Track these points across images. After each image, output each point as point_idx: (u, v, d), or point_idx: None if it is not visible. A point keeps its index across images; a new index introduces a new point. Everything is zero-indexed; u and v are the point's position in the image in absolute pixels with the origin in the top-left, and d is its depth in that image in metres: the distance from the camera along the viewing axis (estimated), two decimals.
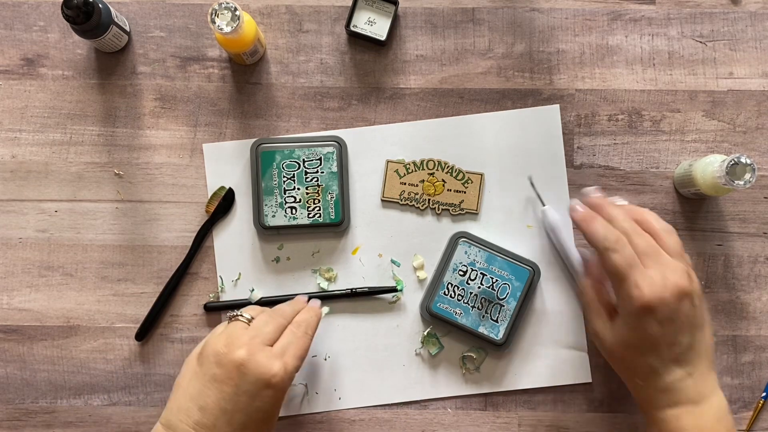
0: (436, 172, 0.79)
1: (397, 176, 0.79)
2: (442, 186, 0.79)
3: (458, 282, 0.79)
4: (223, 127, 0.83)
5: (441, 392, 0.81)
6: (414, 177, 0.80)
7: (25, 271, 0.82)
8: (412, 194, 0.79)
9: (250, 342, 0.66)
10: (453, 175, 0.79)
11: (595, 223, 0.70)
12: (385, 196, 0.79)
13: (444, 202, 0.80)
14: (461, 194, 0.79)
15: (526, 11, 0.84)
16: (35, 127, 0.83)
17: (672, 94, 0.83)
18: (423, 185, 0.79)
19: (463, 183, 0.79)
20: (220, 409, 0.64)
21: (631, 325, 0.68)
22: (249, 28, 0.76)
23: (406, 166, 0.79)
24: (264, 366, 0.64)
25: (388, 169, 0.79)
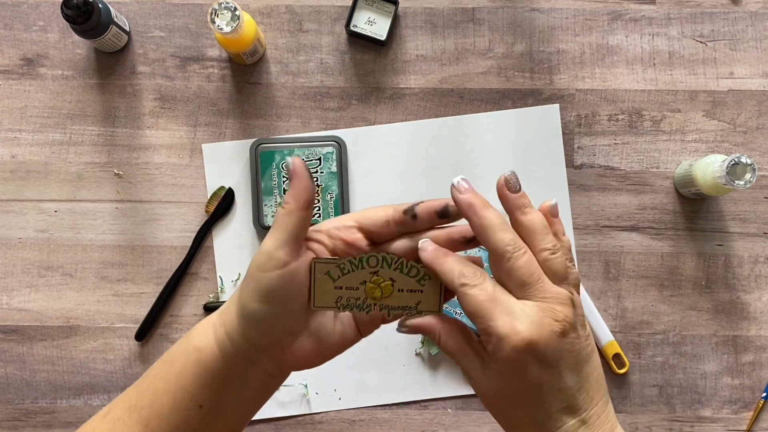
0: (380, 270, 0.61)
1: (329, 279, 0.61)
2: (390, 286, 0.61)
3: None
4: (223, 127, 0.83)
5: (441, 392, 0.81)
6: (352, 279, 0.61)
7: (24, 271, 0.82)
8: (351, 300, 0.61)
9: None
10: (405, 272, 0.61)
11: (447, 261, 0.58)
12: (317, 305, 0.60)
13: (395, 306, 0.61)
14: (417, 294, 0.61)
15: (526, 11, 0.84)
16: (35, 127, 0.83)
17: (672, 94, 0.83)
18: (365, 287, 0.61)
19: (418, 280, 0.61)
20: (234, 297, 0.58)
21: (505, 373, 0.54)
22: (249, 28, 0.76)
23: (339, 266, 0.60)
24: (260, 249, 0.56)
25: (317, 272, 0.61)
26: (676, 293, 0.82)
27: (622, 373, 0.81)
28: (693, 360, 0.82)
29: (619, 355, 0.81)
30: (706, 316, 0.82)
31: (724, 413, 0.82)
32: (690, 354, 0.82)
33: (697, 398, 0.82)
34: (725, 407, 0.82)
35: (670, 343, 0.82)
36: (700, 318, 0.82)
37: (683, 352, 0.82)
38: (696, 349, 0.82)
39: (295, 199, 0.56)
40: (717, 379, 0.82)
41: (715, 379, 0.82)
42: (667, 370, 0.82)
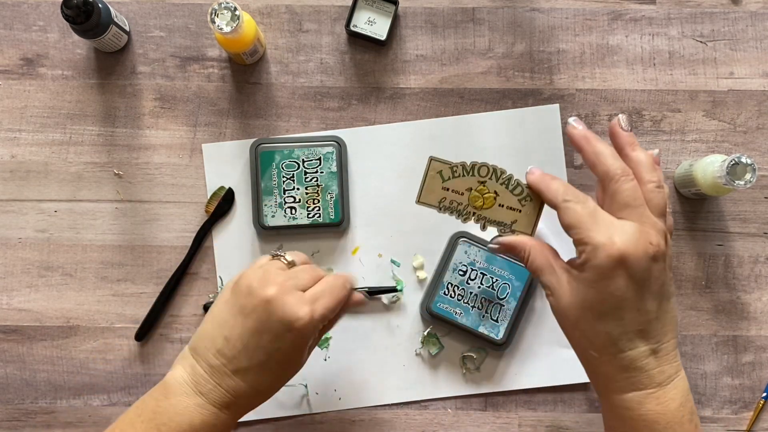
0: (488, 182, 0.64)
1: (439, 179, 0.65)
2: (493, 199, 0.64)
3: (458, 282, 0.79)
4: (223, 127, 0.83)
5: (441, 392, 0.81)
6: (460, 183, 0.65)
7: (24, 271, 0.82)
8: (454, 203, 0.65)
9: (284, 283, 0.62)
10: (509, 188, 0.65)
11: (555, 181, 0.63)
12: (422, 201, 0.65)
13: (492, 219, 0.65)
14: (515, 212, 0.65)
15: (526, 11, 0.84)
16: (35, 127, 0.83)
17: (672, 94, 0.83)
18: (470, 195, 0.65)
19: (520, 199, 0.64)
20: (242, 342, 0.61)
21: (594, 280, 0.58)
22: (249, 27, 0.76)
23: (452, 168, 0.65)
24: (291, 307, 0.60)
25: (430, 169, 0.65)
26: (676, 293, 0.82)
27: None
28: (693, 360, 0.82)
29: None
30: (706, 316, 0.82)
31: (724, 413, 0.82)
32: (690, 354, 0.82)
33: (697, 398, 0.82)
34: (725, 407, 0.82)
35: None
36: (700, 318, 0.82)
37: (683, 352, 0.82)
38: (696, 349, 0.82)
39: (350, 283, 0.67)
40: (717, 379, 0.82)
41: (715, 379, 0.82)
42: None
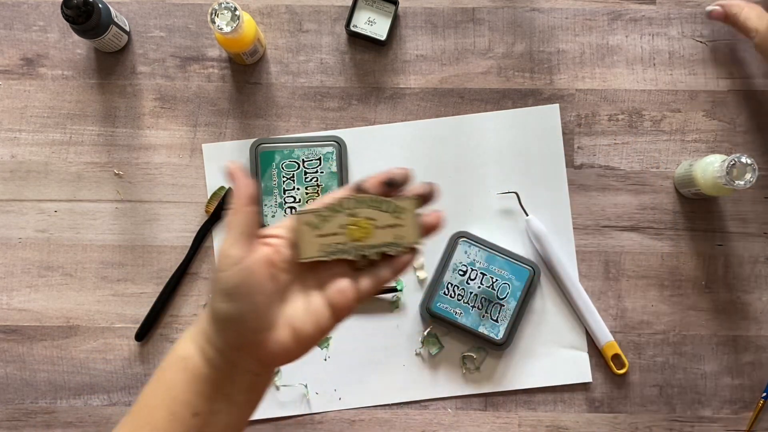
0: (357, 212, 0.62)
1: (311, 229, 0.61)
2: (370, 226, 0.62)
3: (458, 282, 0.79)
4: (223, 127, 0.83)
5: (441, 392, 0.81)
6: (332, 224, 0.62)
7: (24, 271, 0.82)
8: (336, 246, 0.61)
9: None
10: (380, 209, 0.62)
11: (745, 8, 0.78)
12: (304, 257, 0.61)
13: (379, 244, 0.61)
14: (396, 228, 0.62)
15: (526, 11, 0.84)
16: (35, 127, 0.83)
17: (672, 94, 0.83)
18: (347, 231, 0.62)
19: (393, 214, 0.62)
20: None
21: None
22: (249, 28, 0.76)
23: (318, 214, 0.61)
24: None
25: (298, 224, 0.61)
26: (676, 293, 0.82)
27: (621, 373, 0.81)
28: (693, 360, 0.82)
29: (618, 355, 0.81)
30: (706, 316, 0.82)
31: (724, 413, 0.82)
32: (690, 354, 0.82)
33: (697, 398, 0.82)
34: (725, 407, 0.82)
35: (670, 343, 0.82)
36: (700, 318, 0.82)
37: (683, 352, 0.82)
38: (696, 349, 0.82)
39: (239, 199, 0.58)
40: (717, 379, 0.82)
41: (715, 379, 0.82)
42: (667, 370, 0.82)
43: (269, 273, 0.59)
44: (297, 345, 0.60)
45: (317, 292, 0.61)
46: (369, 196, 0.62)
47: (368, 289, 0.62)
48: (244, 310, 0.58)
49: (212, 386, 0.59)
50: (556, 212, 0.82)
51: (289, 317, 0.60)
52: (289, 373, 0.81)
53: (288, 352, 0.60)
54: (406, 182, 0.62)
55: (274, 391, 0.81)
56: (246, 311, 0.58)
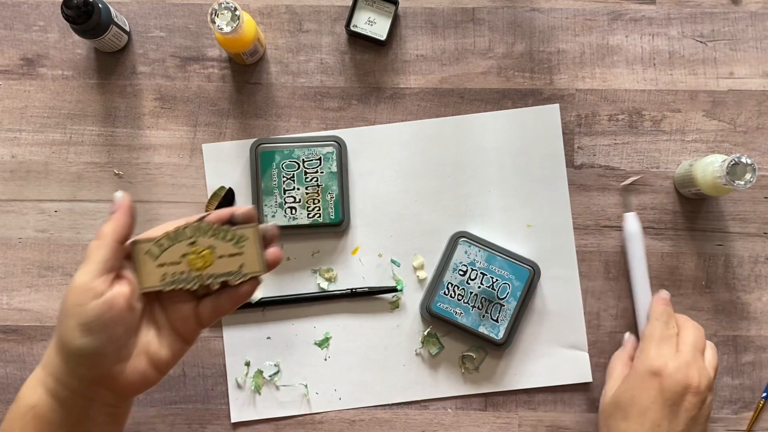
0: (198, 240, 0.61)
1: (151, 259, 0.61)
2: (210, 254, 0.62)
3: (458, 282, 0.79)
4: (223, 127, 0.83)
5: (441, 392, 0.81)
6: (172, 253, 0.61)
7: (24, 271, 0.82)
8: (177, 275, 0.61)
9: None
10: (221, 238, 0.62)
11: (662, 304, 0.75)
12: (145, 287, 0.61)
13: (220, 273, 0.62)
14: (238, 257, 0.62)
15: (526, 11, 0.84)
16: (35, 127, 0.83)
17: (672, 94, 0.83)
18: (187, 259, 0.62)
19: (235, 244, 0.62)
20: None
21: (634, 383, 0.70)
22: (249, 28, 0.76)
23: (157, 243, 0.61)
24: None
25: (137, 253, 0.61)
26: (676, 293, 0.82)
27: None
28: None
29: None
30: (706, 316, 0.82)
31: (724, 413, 0.82)
32: None
33: None
34: (725, 407, 0.82)
35: None
36: (700, 318, 0.82)
37: None
38: None
39: (113, 233, 0.59)
40: (717, 379, 0.82)
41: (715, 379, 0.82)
42: None
43: (127, 305, 0.59)
44: (155, 371, 0.62)
45: (165, 318, 0.63)
46: (210, 224, 0.61)
47: (209, 317, 0.63)
48: (104, 343, 0.58)
49: (68, 428, 0.59)
50: (556, 212, 0.82)
51: (143, 345, 0.61)
52: (289, 373, 0.81)
53: (146, 379, 0.61)
54: (249, 222, 0.62)
55: (274, 391, 0.81)
56: (105, 344, 0.58)
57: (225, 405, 0.81)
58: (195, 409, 0.82)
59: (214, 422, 0.81)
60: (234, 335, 0.82)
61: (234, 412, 0.81)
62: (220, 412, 0.81)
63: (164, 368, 0.62)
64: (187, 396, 0.82)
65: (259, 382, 0.81)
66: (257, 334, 0.82)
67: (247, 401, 0.81)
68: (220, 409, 0.81)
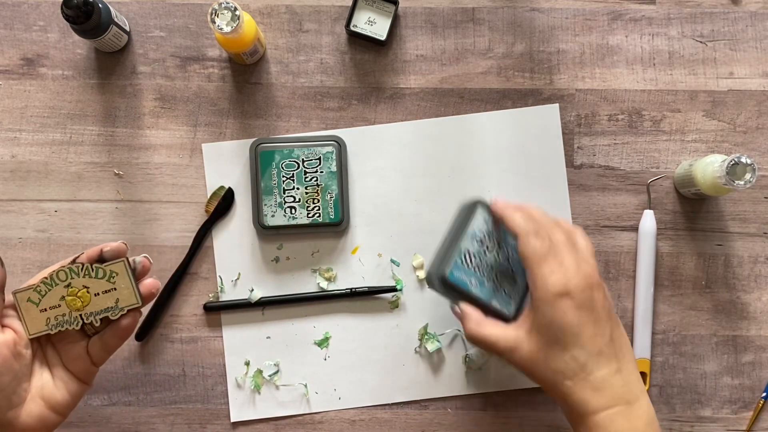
0: (72, 282, 0.65)
1: (33, 305, 0.65)
2: (87, 294, 0.65)
3: (476, 251, 0.72)
4: (223, 127, 0.83)
5: (441, 392, 0.81)
6: (52, 297, 0.65)
7: (25, 271, 0.82)
8: (59, 318, 0.65)
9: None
10: (94, 276, 0.65)
11: (517, 212, 0.69)
12: (32, 334, 0.64)
13: (99, 310, 0.65)
14: (112, 293, 0.65)
15: (526, 11, 0.84)
16: (35, 127, 0.83)
17: (672, 94, 0.83)
18: (66, 302, 0.65)
19: (108, 280, 0.65)
20: None
21: (549, 315, 0.64)
22: (249, 28, 0.76)
23: (35, 289, 0.65)
24: None
25: (19, 302, 0.65)
26: (676, 293, 0.82)
27: None
28: (693, 360, 0.82)
29: (644, 374, 0.81)
30: (706, 316, 0.82)
31: (724, 413, 0.82)
32: (690, 354, 0.82)
33: (697, 398, 0.82)
34: (725, 407, 0.82)
35: (670, 343, 0.82)
36: (700, 318, 0.82)
37: (683, 352, 0.82)
38: (696, 349, 0.82)
39: None
40: (717, 379, 0.82)
41: (715, 379, 0.82)
42: (666, 370, 0.82)
43: (12, 353, 0.61)
44: (53, 414, 0.63)
45: (57, 360, 0.65)
46: (80, 265, 0.65)
47: (100, 355, 0.66)
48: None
49: None
50: (556, 212, 0.82)
51: (37, 390, 0.63)
52: (288, 373, 0.81)
53: (44, 423, 0.62)
54: (119, 257, 0.65)
55: (274, 391, 0.81)
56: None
57: (225, 405, 0.81)
58: (195, 409, 0.82)
59: (214, 422, 0.81)
60: (234, 335, 0.82)
61: (234, 411, 0.81)
62: (220, 412, 0.81)
63: (63, 410, 0.64)
64: (187, 396, 0.82)
65: (259, 381, 0.81)
66: (257, 334, 0.82)
67: (247, 401, 0.81)
68: (219, 408, 0.81)
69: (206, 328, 0.82)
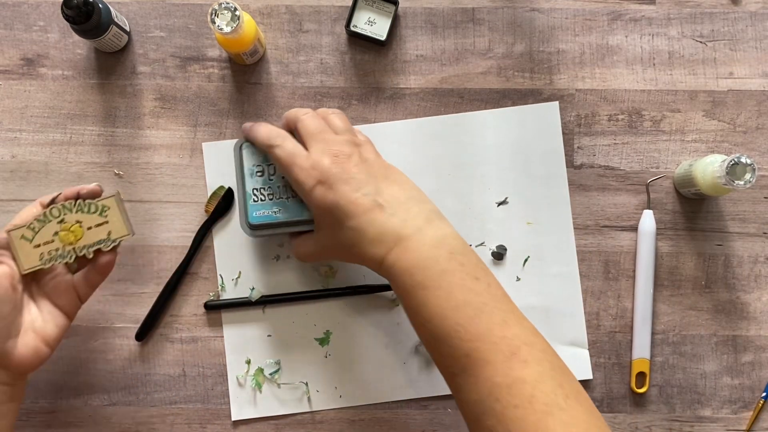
0: (65, 217, 0.69)
1: (27, 242, 0.68)
2: (80, 228, 0.69)
3: (262, 183, 0.75)
4: (223, 127, 0.83)
5: (442, 390, 0.81)
6: (45, 233, 0.68)
7: None
8: (53, 252, 0.68)
9: None
10: (86, 211, 0.69)
11: (258, 127, 0.73)
12: (26, 268, 0.67)
13: (92, 243, 0.69)
14: (104, 226, 0.70)
15: (526, 11, 0.84)
16: (35, 127, 0.83)
17: (672, 94, 0.83)
18: (60, 236, 0.69)
19: (100, 214, 0.69)
20: None
21: (314, 206, 0.69)
22: (249, 28, 0.76)
23: (29, 226, 0.68)
24: None
25: (13, 239, 0.68)
26: (676, 293, 0.82)
27: (640, 392, 0.81)
28: (693, 360, 0.82)
29: (644, 374, 0.81)
30: (705, 316, 0.82)
31: (724, 413, 0.82)
32: (690, 354, 0.82)
33: (697, 398, 0.82)
34: (725, 407, 0.82)
35: (670, 343, 0.82)
36: (700, 318, 0.82)
37: (683, 352, 0.82)
38: (696, 348, 0.82)
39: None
40: (717, 379, 0.82)
41: (714, 379, 0.82)
42: (666, 370, 0.82)
43: (11, 285, 0.65)
44: (45, 346, 0.67)
45: (44, 296, 0.69)
46: (73, 201, 0.69)
47: (85, 290, 0.70)
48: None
49: None
50: (556, 209, 0.82)
51: (29, 323, 0.67)
52: (289, 371, 0.81)
53: (38, 354, 0.66)
54: (96, 197, 0.70)
55: (275, 389, 0.81)
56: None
57: (225, 405, 0.81)
58: (195, 409, 0.82)
59: (214, 422, 0.81)
60: (234, 333, 0.82)
61: (234, 410, 0.81)
62: (220, 412, 0.81)
63: (52, 342, 0.68)
64: (187, 396, 0.82)
65: (260, 380, 0.81)
66: (258, 332, 0.82)
67: (248, 399, 0.81)
68: (220, 408, 0.81)
69: (206, 328, 0.82)
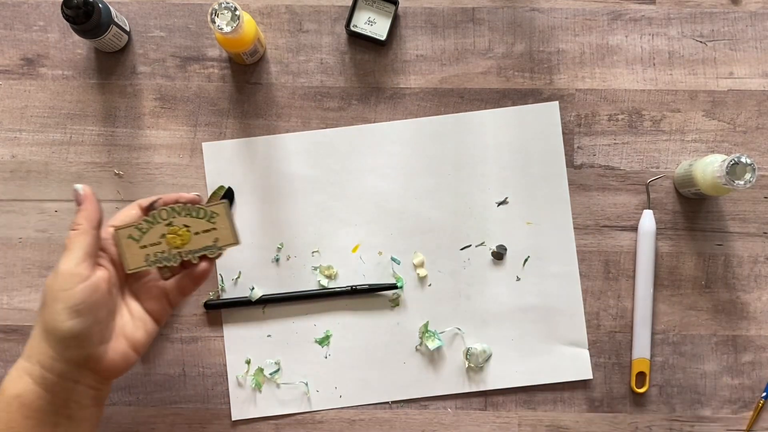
0: (173, 220, 0.68)
1: (134, 242, 0.68)
2: (187, 232, 0.68)
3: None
4: (223, 127, 0.83)
5: (441, 390, 0.81)
6: (152, 235, 0.68)
7: (25, 271, 0.82)
8: (159, 254, 0.68)
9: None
10: (194, 216, 0.68)
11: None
12: (131, 268, 0.67)
13: (198, 248, 0.68)
14: (212, 232, 0.68)
15: (526, 11, 0.84)
16: (35, 127, 0.83)
17: (672, 94, 0.83)
18: (167, 239, 0.68)
19: (208, 219, 0.68)
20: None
21: None
22: (249, 28, 0.76)
23: (137, 227, 0.67)
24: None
25: (120, 238, 0.67)
26: (676, 293, 0.82)
27: (639, 392, 0.81)
28: (693, 360, 0.82)
29: (644, 374, 0.81)
30: (705, 316, 0.82)
31: (724, 413, 0.82)
32: (690, 354, 0.82)
33: (697, 398, 0.82)
34: (725, 407, 0.82)
35: (670, 343, 0.82)
36: (700, 318, 0.82)
37: (683, 352, 0.82)
38: (696, 348, 0.82)
39: (87, 221, 0.64)
40: (717, 378, 0.82)
41: (714, 379, 0.82)
42: (666, 370, 0.82)
43: (108, 288, 0.65)
44: (133, 352, 0.67)
45: (135, 301, 0.68)
46: (182, 205, 0.68)
47: (176, 297, 0.69)
48: (90, 324, 0.62)
49: (55, 413, 0.63)
50: (556, 209, 0.82)
51: (120, 328, 0.66)
52: (289, 371, 0.81)
53: (127, 360, 0.66)
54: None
55: (275, 389, 0.81)
56: (92, 325, 0.62)
57: (225, 405, 0.81)
58: (195, 409, 0.82)
59: (214, 422, 0.81)
60: (234, 333, 0.82)
61: (234, 409, 0.81)
62: (220, 412, 0.81)
63: (141, 349, 0.67)
64: (187, 396, 0.82)
65: (260, 380, 0.81)
66: (258, 332, 0.82)
67: (248, 399, 0.81)
68: (220, 408, 0.81)
69: (206, 328, 0.82)
